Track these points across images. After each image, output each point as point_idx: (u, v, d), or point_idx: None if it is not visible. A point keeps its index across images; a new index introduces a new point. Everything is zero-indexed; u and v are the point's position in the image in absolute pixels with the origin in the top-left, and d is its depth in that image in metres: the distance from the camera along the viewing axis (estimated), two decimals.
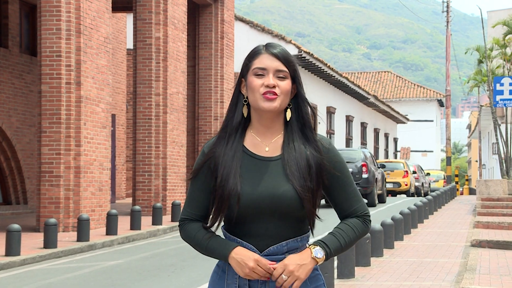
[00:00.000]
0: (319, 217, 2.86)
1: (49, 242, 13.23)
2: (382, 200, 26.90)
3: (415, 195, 35.75)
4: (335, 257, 9.56)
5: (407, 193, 33.79)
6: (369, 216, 2.89)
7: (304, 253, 2.76)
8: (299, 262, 2.72)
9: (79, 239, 14.25)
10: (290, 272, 2.70)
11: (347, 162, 28.10)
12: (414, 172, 36.90)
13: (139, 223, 16.40)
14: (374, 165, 26.12)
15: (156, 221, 17.28)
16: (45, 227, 13.32)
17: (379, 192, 26.34)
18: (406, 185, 33.48)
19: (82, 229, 14.24)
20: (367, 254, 10.81)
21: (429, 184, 42.20)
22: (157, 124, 20.38)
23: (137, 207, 16.60)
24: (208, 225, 2.87)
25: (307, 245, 2.82)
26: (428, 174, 43.23)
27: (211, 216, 2.86)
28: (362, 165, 24.75)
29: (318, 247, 2.77)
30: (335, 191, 2.86)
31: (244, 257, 2.72)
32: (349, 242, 2.83)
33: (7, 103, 20.97)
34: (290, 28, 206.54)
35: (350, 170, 24.82)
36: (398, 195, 34.03)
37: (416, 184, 36.44)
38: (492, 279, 9.43)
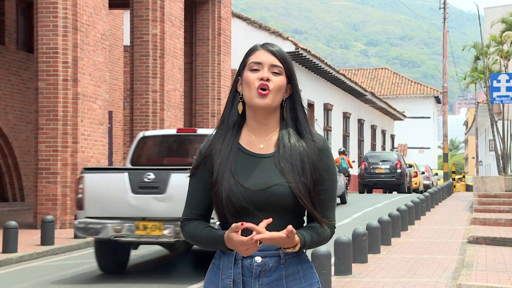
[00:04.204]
0: (320, 217, 2.82)
1: (46, 239, 13.22)
2: (409, 191, 33.94)
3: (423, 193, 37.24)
4: (332, 254, 9.57)
5: (416, 191, 37.31)
6: (335, 229, 2.88)
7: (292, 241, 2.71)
8: (281, 241, 2.68)
9: (76, 236, 14.22)
10: (273, 238, 2.65)
11: (385, 161, 32.76)
12: (423, 173, 40.96)
13: None
14: (405, 164, 33.67)
15: None
16: (42, 224, 13.31)
17: (408, 185, 33.89)
18: (416, 184, 37.51)
19: None
20: (364, 250, 10.82)
21: (437, 182, 45.81)
22: (154, 121, 20.37)
23: None
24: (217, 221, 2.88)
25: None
26: (436, 174, 48.16)
27: (214, 212, 2.88)
28: (397, 163, 32.59)
29: (300, 234, 2.75)
30: (316, 192, 2.83)
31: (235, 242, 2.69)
32: (315, 243, 2.81)
33: (4, 100, 20.95)
34: (287, 25, 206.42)
35: (388, 167, 32.56)
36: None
37: (427, 182, 41.45)
38: (489, 276, 9.44)
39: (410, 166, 36.85)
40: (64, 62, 16.32)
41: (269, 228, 2.77)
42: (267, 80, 2.81)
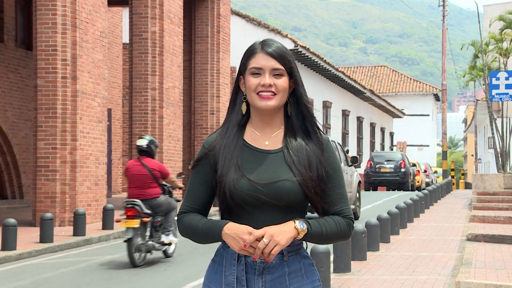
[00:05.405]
0: (328, 208, 2.85)
1: (45, 236, 13.22)
2: (412, 189, 36.35)
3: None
4: (331, 251, 9.57)
5: (419, 188, 39.29)
6: (353, 221, 2.89)
7: (287, 223, 2.76)
8: (280, 228, 2.72)
9: (75, 233, 14.24)
10: (271, 236, 2.69)
11: (390, 161, 35.18)
12: (425, 171, 43.03)
13: None
14: (409, 163, 36.12)
15: None
16: (41, 222, 13.31)
17: (411, 183, 36.21)
18: (418, 182, 39.48)
19: (78, 223, 14.24)
20: (363, 248, 10.83)
21: (436, 180, 47.49)
22: (153, 119, 20.36)
23: None
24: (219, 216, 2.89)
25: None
26: (435, 172, 50.42)
27: (218, 208, 2.88)
28: (401, 163, 34.98)
29: (301, 220, 2.78)
30: (325, 190, 2.85)
31: (238, 231, 2.72)
32: (330, 233, 2.81)
33: (3, 98, 20.93)
34: (286, 22, 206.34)
35: (392, 166, 34.78)
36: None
37: (427, 180, 43.52)
38: (488, 273, 9.45)
39: (414, 165, 39.01)
40: (63, 60, 16.31)
41: (271, 224, 2.78)
42: (270, 86, 2.82)
